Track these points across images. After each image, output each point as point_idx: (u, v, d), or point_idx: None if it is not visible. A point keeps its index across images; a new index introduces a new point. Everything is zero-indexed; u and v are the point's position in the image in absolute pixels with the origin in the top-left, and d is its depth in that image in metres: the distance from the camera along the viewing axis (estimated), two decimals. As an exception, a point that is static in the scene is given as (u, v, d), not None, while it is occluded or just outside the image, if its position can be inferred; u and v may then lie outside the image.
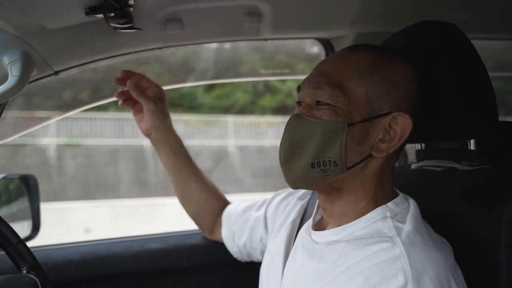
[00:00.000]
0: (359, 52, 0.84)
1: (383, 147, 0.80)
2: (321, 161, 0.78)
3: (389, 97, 0.80)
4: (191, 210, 1.31)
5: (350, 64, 0.81)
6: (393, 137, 0.80)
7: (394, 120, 0.80)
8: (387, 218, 0.79)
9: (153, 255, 1.35)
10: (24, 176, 1.39)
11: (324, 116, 0.79)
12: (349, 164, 0.79)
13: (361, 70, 0.80)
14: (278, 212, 1.12)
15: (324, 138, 0.78)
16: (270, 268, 0.99)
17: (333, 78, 0.80)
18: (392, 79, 0.80)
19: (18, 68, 0.99)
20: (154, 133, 1.23)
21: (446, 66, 0.88)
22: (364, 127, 0.79)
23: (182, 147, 1.26)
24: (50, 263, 1.26)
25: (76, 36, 1.08)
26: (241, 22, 1.19)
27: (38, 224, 1.33)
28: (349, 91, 0.79)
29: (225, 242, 1.27)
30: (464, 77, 0.88)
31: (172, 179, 1.28)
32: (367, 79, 0.80)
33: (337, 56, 0.87)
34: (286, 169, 0.83)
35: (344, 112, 0.78)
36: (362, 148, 0.79)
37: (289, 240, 0.99)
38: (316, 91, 0.81)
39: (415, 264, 0.70)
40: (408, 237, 0.74)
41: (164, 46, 1.26)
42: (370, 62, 0.81)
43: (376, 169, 0.82)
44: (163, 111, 1.22)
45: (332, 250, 0.79)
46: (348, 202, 0.83)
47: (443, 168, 1.00)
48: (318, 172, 0.79)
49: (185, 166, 1.26)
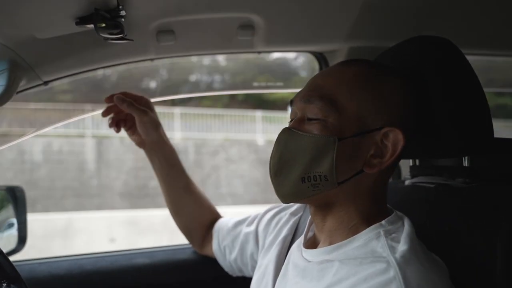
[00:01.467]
0: (352, 67, 0.83)
1: (375, 162, 0.79)
2: (311, 175, 0.77)
3: (381, 113, 0.79)
4: (182, 223, 1.29)
5: (343, 79, 0.81)
6: (385, 153, 0.79)
7: (386, 136, 0.79)
8: (381, 237, 0.77)
9: (140, 270, 1.32)
10: (11, 187, 1.36)
11: (315, 130, 0.78)
12: (340, 179, 0.78)
13: (353, 86, 0.80)
14: (269, 228, 1.10)
15: (314, 153, 0.77)
16: (260, 285, 0.97)
17: (324, 92, 0.80)
18: (384, 95, 0.80)
19: (5, 77, 0.97)
20: (148, 143, 1.22)
21: (439, 82, 0.87)
22: (355, 142, 0.78)
23: (176, 158, 1.25)
24: (34, 278, 1.23)
25: (66, 46, 1.06)
26: (235, 35, 1.18)
27: (25, 236, 1.30)
28: (340, 106, 0.78)
29: (216, 256, 1.25)
30: (458, 93, 0.87)
31: (164, 191, 1.27)
32: (359, 94, 0.79)
33: (330, 71, 0.86)
34: (276, 183, 0.82)
35: (335, 127, 0.78)
36: (353, 164, 0.78)
37: (280, 257, 0.97)
38: (307, 105, 0.80)
39: (411, 286, 0.68)
40: (403, 257, 0.72)
41: (156, 58, 1.24)
42: (363, 77, 0.81)
43: (369, 185, 0.81)
44: (154, 121, 1.21)
45: (325, 270, 0.77)
46: (340, 219, 0.81)
47: (437, 185, 0.98)
48: (308, 187, 0.78)
49: (179, 177, 1.25)
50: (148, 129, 1.19)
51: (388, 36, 1.18)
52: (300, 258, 0.85)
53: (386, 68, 0.85)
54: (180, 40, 1.15)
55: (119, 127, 1.23)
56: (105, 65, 1.20)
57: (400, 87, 0.82)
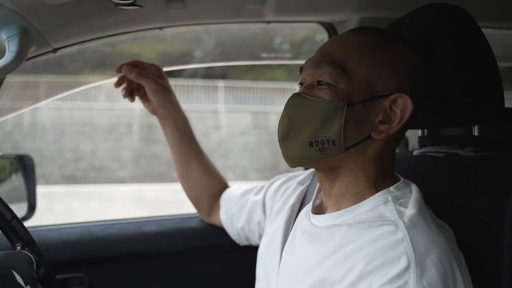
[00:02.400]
0: (361, 33, 0.83)
1: (382, 128, 0.79)
2: (319, 140, 0.78)
3: (390, 78, 0.79)
4: (190, 190, 1.31)
5: (352, 45, 0.81)
6: (393, 119, 0.79)
7: (395, 102, 0.79)
8: (389, 203, 0.78)
9: (149, 237, 1.34)
10: (20, 156, 1.37)
11: (324, 95, 0.78)
12: (347, 144, 0.78)
13: (363, 51, 0.80)
14: (277, 196, 1.11)
15: (323, 117, 0.78)
16: (267, 251, 0.99)
17: (334, 58, 0.80)
18: (394, 61, 0.80)
19: (15, 44, 0.97)
20: (160, 110, 1.23)
21: (452, 51, 0.86)
22: (364, 108, 0.78)
23: (187, 126, 1.27)
24: (46, 243, 1.25)
25: (75, 13, 1.05)
26: (244, 4, 1.17)
27: (34, 205, 1.32)
28: (350, 71, 0.78)
29: (224, 225, 1.26)
30: (470, 62, 0.87)
31: (174, 158, 1.29)
32: (369, 60, 0.79)
33: (340, 38, 0.86)
34: (284, 147, 0.83)
35: (344, 92, 0.78)
36: (361, 129, 0.79)
37: (288, 224, 0.98)
38: (317, 71, 0.80)
39: (418, 247, 0.69)
40: (411, 221, 0.73)
41: (165, 26, 1.24)
42: (373, 43, 0.81)
43: (376, 151, 0.81)
44: (165, 88, 1.22)
45: (333, 234, 0.78)
46: (347, 184, 0.82)
47: (445, 154, 0.98)
48: (316, 151, 0.79)
49: (189, 145, 1.27)
50: (159, 97, 1.21)
51: (399, 6, 1.16)
52: (308, 224, 0.86)
53: (396, 35, 0.85)
54: (189, 8, 1.15)
55: (133, 97, 1.25)
56: (114, 32, 1.20)
57: (410, 54, 0.82)
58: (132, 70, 1.18)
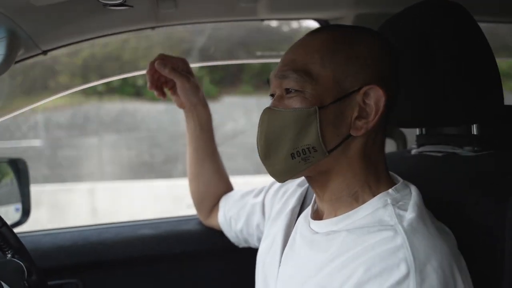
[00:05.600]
0: (319, 34, 0.83)
1: (360, 124, 0.78)
2: (300, 150, 0.77)
3: (357, 73, 0.78)
4: (197, 189, 1.30)
5: (312, 48, 0.80)
6: (369, 112, 0.78)
7: (367, 95, 0.78)
8: (388, 206, 0.76)
9: (145, 241, 1.33)
10: (14, 159, 1.35)
11: (294, 104, 0.78)
12: (329, 147, 0.77)
13: (324, 52, 0.79)
14: (276, 198, 1.10)
15: (298, 126, 0.77)
16: (267, 255, 0.97)
17: (296, 64, 0.79)
18: (357, 56, 0.79)
19: (3, 46, 0.96)
20: (188, 106, 1.23)
21: (450, 47, 0.85)
22: (337, 108, 0.77)
23: (210, 124, 1.27)
24: (39, 248, 1.23)
25: (64, 14, 1.04)
26: (237, 2, 1.15)
27: (28, 209, 1.30)
28: (314, 75, 0.78)
29: (222, 227, 1.25)
30: (468, 59, 0.85)
31: (190, 154, 1.28)
32: (332, 59, 0.78)
33: (299, 43, 0.85)
34: (267, 164, 0.82)
35: (313, 97, 0.77)
36: (339, 130, 0.78)
37: (288, 228, 0.96)
38: (283, 81, 0.80)
39: (418, 253, 0.68)
40: (410, 225, 0.71)
41: (156, 26, 1.22)
42: (332, 42, 0.80)
43: (360, 149, 0.80)
44: (195, 86, 1.22)
45: (332, 240, 0.77)
46: (339, 187, 0.81)
47: (444, 154, 0.97)
48: (299, 162, 0.78)
49: (207, 144, 1.27)
50: (189, 95, 1.20)
51: (396, 2, 1.15)
52: (308, 229, 0.85)
53: (355, 28, 0.84)
54: (181, 7, 1.13)
55: (161, 90, 1.24)
56: (104, 33, 1.18)
57: (375, 46, 0.80)
58: (166, 65, 1.17)
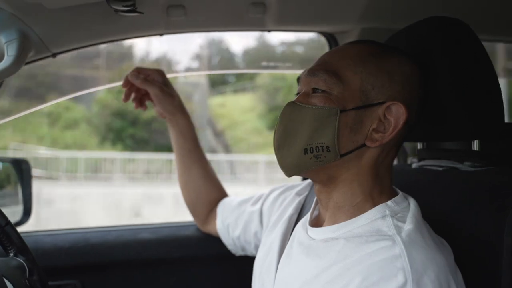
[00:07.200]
0: (357, 44, 0.85)
1: (376, 137, 0.79)
2: (313, 146, 0.78)
3: (384, 87, 0.80)
4: (188, 196, 1.31)
5: (348, 54, 0.83)
6: (387, 127, 0.80)
7: (389, 110, 0.79)
8: (386, 217, 0.77)
9: (144, 245, 1.33)
10: (17, 160, 1.36)
11: (318, 102, 0.79)
12: (342, 151, 0.78)
13: (358, 60, 0.81)
14: (274, 207, 1.10)
15: (316, 124, 0.78)
16: (264, 262, 0.98)
17: (329, 66, 0.81)
18: (388, 71, 0.80)
19: (14, 48, 0.97)
20: (166, 115, 1.25)
21: (452, 64, 0.86)
22: (358, 115, 0.79)
23: (191, 131, 1.28)
24: (40, 249, 1.24)
25: (75, 18, 1.05)
26: (245, 12, 1.17)
27: (30, 209, 1.31)
28: (344, 79, 0.79)
29: (220, 234, 1.25)
30: (470, 76, 0.86)
31: (177, 162, 1.30)
32: (363, 68, 0.80)
33: (338, 48, 0.88)
34: (279, 155, 0.83)
35: (338, 99, 0.79)
36: (355, 137, 0.79)
37: (285, 236, 0.97)
38: (313, 78, 0.81)
39: (415, 264, 0.68)
40: (408, 236, 0.72)
41: (165, 33, 1.23)
42: (367, 53, 0.82)
43: (371, 161, 0.81)
44: (169, 94, 1.23)
45: (330, 248, 0.77)
46: (344, 195, 0.82)
47: (444, 168, 0.98)
48: (311, 158, 0.79)
49: (192, 151, 1.28)
50: (164, 103, 1.23)
51: (400, 18, 1.17)
52: (305, 236, 0.85)
53: (391, 47, 0.86)
54: (190, 16, 1.14)
55: (144, 105, 1.27)
56: (114, 38, 1.20)
57: (404, 65, 0.82)
58: (138, 76, 1.20)
